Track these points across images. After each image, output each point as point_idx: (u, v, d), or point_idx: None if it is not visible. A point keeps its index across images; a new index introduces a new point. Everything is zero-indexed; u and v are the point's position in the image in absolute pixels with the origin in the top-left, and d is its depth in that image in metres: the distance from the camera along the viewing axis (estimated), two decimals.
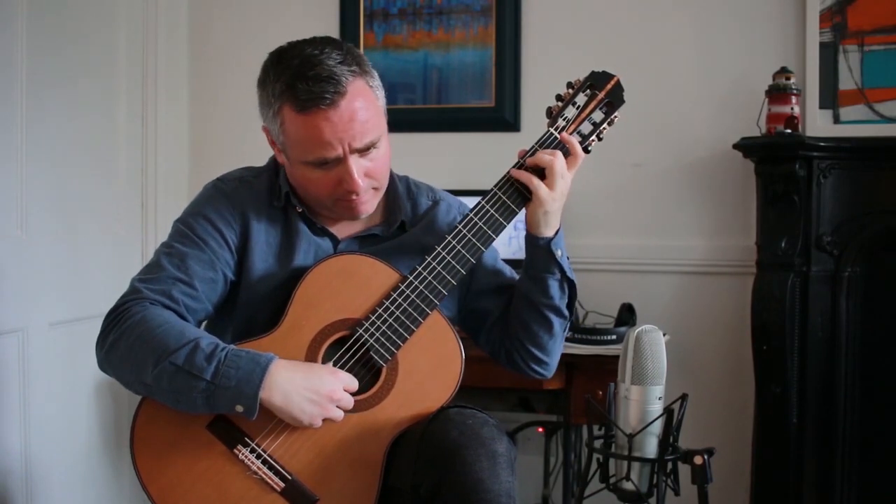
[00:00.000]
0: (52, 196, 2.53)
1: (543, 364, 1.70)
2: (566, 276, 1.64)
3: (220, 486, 1.50)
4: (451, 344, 1.58)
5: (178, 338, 1.46)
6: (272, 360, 1.46)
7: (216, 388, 1.43)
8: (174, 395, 1.45)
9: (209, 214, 1.61)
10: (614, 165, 2.81)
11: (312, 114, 1.49)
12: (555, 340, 1.69)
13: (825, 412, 2.57)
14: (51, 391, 2.50)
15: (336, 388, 1.49)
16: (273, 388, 1.45)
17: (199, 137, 3.16)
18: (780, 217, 2.55)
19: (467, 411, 1.51)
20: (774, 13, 2.72)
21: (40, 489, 2.47)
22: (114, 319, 1.52)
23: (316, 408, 1.47)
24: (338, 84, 1.48)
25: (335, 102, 1.49)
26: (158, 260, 1.58)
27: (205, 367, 1.43)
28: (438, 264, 1.56)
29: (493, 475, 1.41)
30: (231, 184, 1.65)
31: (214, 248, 1.58)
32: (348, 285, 1.57)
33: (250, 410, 1.44)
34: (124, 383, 1.52)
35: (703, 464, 1.78)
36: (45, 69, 2.47)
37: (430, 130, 2.99)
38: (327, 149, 1.51)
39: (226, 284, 1.61)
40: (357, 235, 1.67)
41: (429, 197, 1.74)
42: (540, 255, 1.62)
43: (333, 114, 1.49)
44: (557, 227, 1.62)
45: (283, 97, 1.51)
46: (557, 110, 1.63)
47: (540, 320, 1.65)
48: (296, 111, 1.50)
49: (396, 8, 3.00)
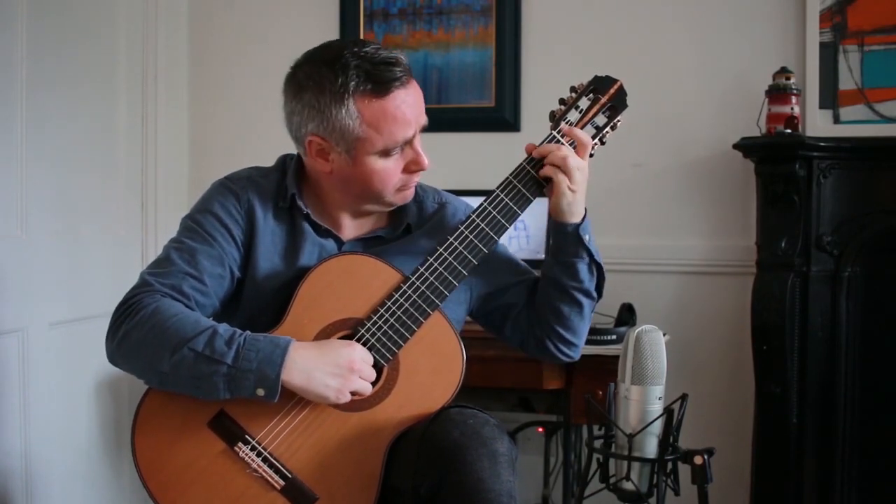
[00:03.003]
0: (52, 196, 2.53)
1: (573, 346, 1.72)
2: (594, 260, 1.66)
3: (220, 484, 1.50)
4: (452, 344, 1.58)
5: (195, 325, 1.47)
6: (290, 341, 1.47)
7: (237, 372, 1.44)
8: (194, 382, 1.46)
9: (217, 211, 1.61)
10: (614, 165, 2.81)
11: (392, 95, 1.54)
12: (584, 322, 1.71)
13: (825, 412, 2.57)
14: (51, 391, 2.50)
15: (355, 358, 1.49)
16: (293, 368, 1.46)
17: (199, 137, 3.16)
18: (780, 217, 2.55)
19: (468, 411, 1.52)
20: (774, 13, 2.72)
21: (40, 489, 2.47)
22: (125, 311, 1.52)
23: (339, 380, 1.48)
24: (402, 64, 1.55)
25: (408, 81, 1.56)
26: (168, 255, 1.59)
27: (225, 351, 1.44)
28: (440, 265, 1.56)
29: (494, 475, 1.41)
30: (239, 182, 1.66)
31: (223, 243, 1.59)
32: (350, 285, 1.57)
33: (272, 392, 1.45)
34: (137, 374, 1.53)
35: (703, 464, 1.78)
36: (45, 69, 2.47)
37: (430, 130, 2.95)
38: (407, 128, 1.57)
39: (232, 281, 1.62)
40: (362, 237, 1.67)
41: (435, 200, 1.75)
42: (569, 241, 1.63)
43: (409, 92, 1.56)
44: (583, 213, 1.64)
45: (359, 89, 1.53)
46: (560, 113, 1.64)
47: (571, 303, 1.67)
48: (376, 97, 1.53)
49: (396, 8, 3.00)
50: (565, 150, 1.59)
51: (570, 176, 1.58)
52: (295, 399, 1.51)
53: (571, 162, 1.58)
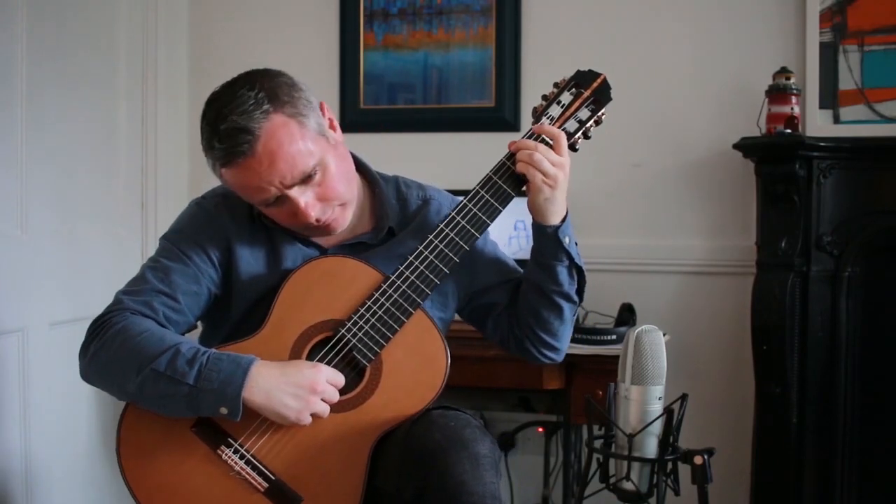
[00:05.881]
0: (52, 196, 2.53)
1: (554, 349, 1.71)
2: (574, 263, 1.64)
3: (204, 487, 1.51)
4: (436, 343, 1.57)
5: (159, 344, 1.48)
6: (253, 360, 1.47)
7: (199, 392, 1.44)
8: (160, 401, 1.47)
9: (191, 233, 1.63)
10: (614, 165, 2.81)
11: (235, 166, 1.51)
12: (565, 326, 1.70)
13: (825, 412, 2.57)
14: (51, 391, 2.50)
15: (317, 380, 1.49)
16: (254, 387, 1.45)
17: (198, 138, 3.14)
18: (780, 217, 2.55)
19: (450, 413, 1.51)
20: (774, 13, 2.72)
21: (40, 489, 2.47)
22: (95, 330, 1.54)
23: (299, 402, 1.47)
24: (247, 133, 1.48)
25: (252, 150, 1.48)
26: (143, 273, 1.60)
27: (187, 371, 1.44)
28: (421, 263, 1.56)
29: (476, 477, 1.41)
30: (213, 200, 1.67)
31: (198, 263, 1.61)
32: (331, 286, 1.57)
33: (234, 412, 1.45)
34: (109, 392, 1.54)
35: (703, 464, 1.78)
36: (45, 69, 2.47)
37: (430, 130, 2.99)
38: (261, 192, 1.53)
39: (210, 298, 1.63)
40: (345, 244, 1.66)
41: (419, 196, 1.73)
42: (548, 242, 1.62)
43: (253, 161, 1.49)
44: (564, 215, 1.61)
45: (208, 155, 1.54)
46: (542, 109, 1.63)
47: (550, 307, 1.66)
48: (222, 167, 1.53)
49: (396, 8, 3.00)
50: (532, 144, 1.56)
51: (542, 171, 1.54)
52: None
53: (536, 157, 1.55)
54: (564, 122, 1.62)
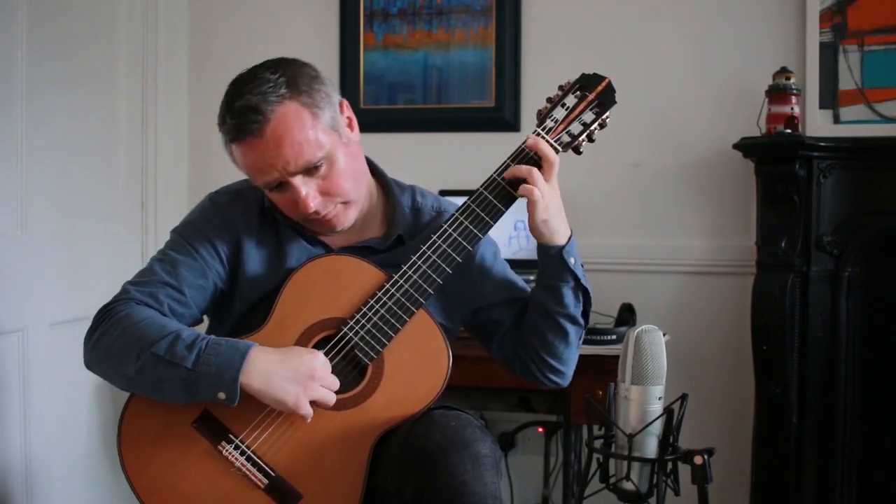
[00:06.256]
0: (52, 196, 2.53)
1: (559, 373, 1.70)
2: (580, 284, 1.63)
3: (204, 483, 1.51)
4: (437, 343, 1.57)
5: (160, 330, 1.49)
6: (251, 346, 1.48)
7: (197, 376, 1.45)
8: (158, 385, 1.47)
9: (202, 227, 1.64)
10: (614, 165, 2.81)
11: (243, 144, 1.53)
12: (570, 349, 1.69)
13: (825, 412, 2.57)
14: (51, 391, 2.50)
15: (316, 366, 1.49)
16: (252, 371, 1.45)
17: (199, 137, 3.15)
18: (780, 217, 2.55)
19: (451, 412, 1.51)
20: (774, 13, 2.72)
21: (40, 489, 2.47)
22: (100, 318, 1.56)
23: (298, 387, 1.47)
24: (258, 112, 1.50)
25: (261, 131, 1.50)
26: (151, 266, 1.62)
27: (186, 355, 1.45)
28: (424, 263, 1.56)
29: (477, 477, 1.40)
30: (226, 196, 1.69)
31: (206, 257, 1.62)
32: (334, 285, 1.57)
33: (232, 396, 1.45)
34: (109, 379, 1.55)
35: (703, 464, 1.78)
36: (45, 69, 2.47)
37: (430, 130, 2.99)
38: (264, 174, 1.54)
39: (216, 292, 1.64)
40: (352, 247, 1.66)
41: (433, 208, 1.74)
42: (553, 263, 1.61)
43: (260, 142, 1.51)
44: (569, 235, 1.61)
45: (221, 130, 1.57)
46: (546, 111, 1.63)
47: (555, 329, 1.65)
48: (231, 142, 1.55)
49: (396, 8, 3.00)
50: (525, 170, 1.55)
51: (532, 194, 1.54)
52: None
53: (538, 186, 1.54)
54: (568, 124, 1.62)
